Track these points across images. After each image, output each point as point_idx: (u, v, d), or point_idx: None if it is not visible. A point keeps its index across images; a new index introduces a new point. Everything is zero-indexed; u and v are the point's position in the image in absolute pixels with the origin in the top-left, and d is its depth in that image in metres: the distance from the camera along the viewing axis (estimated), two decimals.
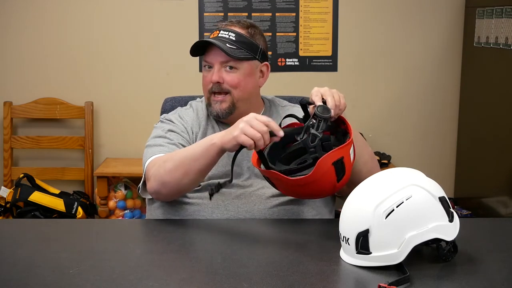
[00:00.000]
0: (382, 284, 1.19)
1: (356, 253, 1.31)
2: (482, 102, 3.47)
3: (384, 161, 3.58)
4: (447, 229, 1.31)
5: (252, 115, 1.57)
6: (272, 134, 1.55)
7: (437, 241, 1.31)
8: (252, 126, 1.54)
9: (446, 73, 3.75)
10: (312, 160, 1.51)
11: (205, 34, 3.62)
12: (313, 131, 1.53)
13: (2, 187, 3.49)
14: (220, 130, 1.88)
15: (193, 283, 1.25)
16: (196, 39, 3.64)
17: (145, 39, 3.67)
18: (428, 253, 1.37)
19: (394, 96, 3.78)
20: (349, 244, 1.32)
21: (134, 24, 3.66)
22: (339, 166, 1.51)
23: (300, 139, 1.55)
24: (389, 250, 1.28)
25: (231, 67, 1.83)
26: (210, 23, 3.62)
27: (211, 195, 1.65)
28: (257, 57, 1.86)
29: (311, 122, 1.55)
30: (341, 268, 1.32)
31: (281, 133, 1.56)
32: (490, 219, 2.40)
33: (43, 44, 3.65)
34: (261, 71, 1.90)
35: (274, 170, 1.54)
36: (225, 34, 1.83)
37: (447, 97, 3.77)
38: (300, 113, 1.97)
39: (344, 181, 1.56)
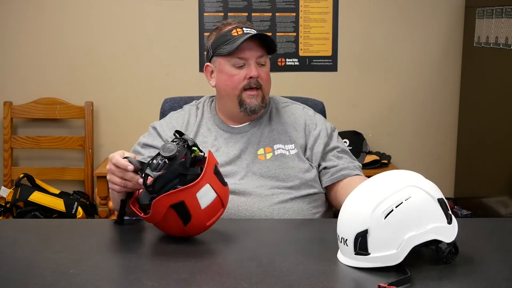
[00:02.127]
0: (382, 284, 1.19)
1: (355, 254, 1.31)
2: (482, 102, 3.47)
3: (384, 161, 3.58)
4: (446, 230, 1.31)
5: (110, 161, 1.56)
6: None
7: (436, 242, 1.31)
8: (113, 174, 1.54)
9: (446, 73, 3.75)
10: (149, 200, 1.44)
11: (205, 34, 3.62)
12: (148, 171, 1.45)
13: (2, 187, 3.49)
14: (215, 132, 1.90)
15: (193, 283, 1.25)
16: (196, 39, 3.67)
17: (145, 39, 3.67)
18: (428, 254, 1.37)
19: (394, 96, 3.78)
20: (347, 245, 1.32)
21: (134, 24, 3.66)
22: (181, 209, 1.41)
23: (142, 176, 1.48)
24: (388, 250, 1.28)
25: (263, 62, 1.89)
26: (210, 23, 3.62)
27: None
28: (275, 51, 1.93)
29: (150, 161, 1.47)
30: (341, 268, 1.32)
31: (139, 181, 1.49)
32: (490, 219, 2.39)
33: (43, 44, 3.65)
34: None
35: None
36: (249, 30, 1.85)
37: (447, 97, 3.77)
38: (296, 113, 1.98)
39: (196, 226, 1.45)
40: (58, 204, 3.30)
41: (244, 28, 1.86)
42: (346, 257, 1.33)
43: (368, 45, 3.73)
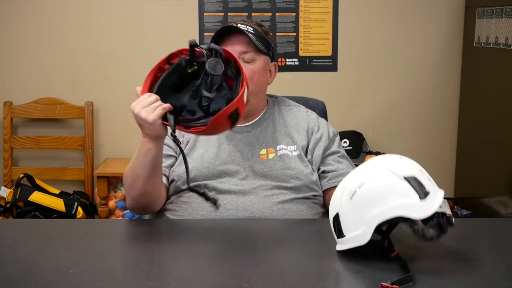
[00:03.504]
0: (384, 284, 1.19)
1: (337, 238, 1.37)
2: (482, 102, 3.47)
3: None
4: (415, 207, 1.28)
5: (134, 104, 1.64)
6: None
7: (411, 221, 1.30)
8: (143, 106, 1.60)
9: (446, 73, 3.75)
10: (204, 113, 1.53)
11: (205, 34, 3.62)
12: (205, 93, 1.53)
13: (2, 187, 3.49)
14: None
15: (193, 283, 1.25)
16: (196, 39, 3.66)
17: (145, 39, 3.67)
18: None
19: (394, 96, 3.78)
20: (333, 232, 1.40)
21: (134, 24, 3.66)
22: (234, 116, 1.53)
23: (192, 98, 1.55)
24: (357, 230, 1.32)
25: (248, 59, 1.84)
26: (210, 23, 3.63)
27: (214, 203, 1.65)
28: (269, 54, 1.88)
29: (202, 81, 1.54)
30: (341, 268, 1.32)
31: (167, 106, 1.58)
32: (490, 219, 2.39)
33: (43, 44, 3.65)
34: (269, 70, 1.92)
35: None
36: (243, 26, 1.84)
37: (447, 97, 3.77)
38: (299, 116, 1.97)
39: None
40: (58, 204, 3.30)
41: (239, 24, 1.85)
42: (337, 244, 1.39)
43: (368, 45, 3.73)
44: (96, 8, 3.64)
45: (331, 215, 1.39)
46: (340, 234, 1.36)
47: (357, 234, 1.31)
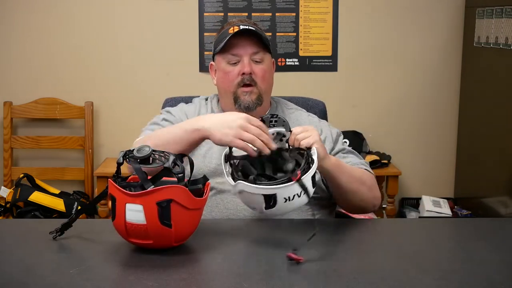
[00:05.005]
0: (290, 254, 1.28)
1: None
2: (482, 102, 3.47)
3: (384, 161, 3.58)
4: None
5: (245, 117, 1.56)
6: None
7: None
8: (247, 131, 1.53)
9: (446, 73, 3.75)
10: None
11: (205, 34, 3.62)
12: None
13: (2, 187, 3.49)
14: None
15: (193, 283, 1.25)
16: (196, 39, 3.67)
17: (145, 39, 3.67)
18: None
19: (394, 96, 3.78)
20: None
21: (134, 24, 3.66)
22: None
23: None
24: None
25: (259, 59, 1.86)
26: (210, 23, 3.63)
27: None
28: (271, 51, 1.91)
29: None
30: (341, 268, 1.32)
31: (273, 146, 1.54)
32: (490, 219, 2.39)
33: (43, 44, 3.65)
34: None
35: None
36: (246, 27, 1.85)
37: (447, 97, 3.77)
38: (301, 120, 1.96)
39: None
40: (58, 204, 3.30)
41: (241, 26, 1.86)
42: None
43: (368, 45, 3.73)
44: (95, 8, 3.64)
45: None
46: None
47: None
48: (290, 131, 1.59)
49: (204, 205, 1.43)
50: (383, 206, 3.61)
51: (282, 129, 1.59)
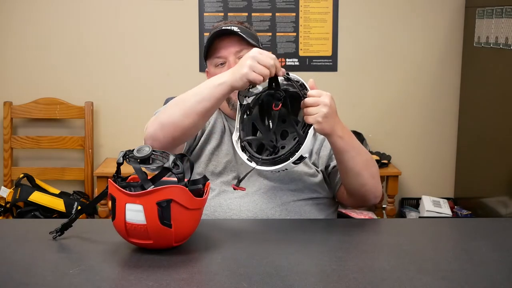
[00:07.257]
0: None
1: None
2: (482, 102, 3.47)
3: (384, 161, 3.58)
4: None
5: (255, 50, 1.57)
6: None
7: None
8: (259, 62, 1.54)
9: (446, 73, 3.75)
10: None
11: (205, 34, 3.62)
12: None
13: (2, 187, 3.50)
14: (229, 125, 1.89)
15: (193, 283, 1.25)
16: (196, 39, 3.67)
17: (145, 39, 3.67)
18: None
19: (394, 96, 3.78)
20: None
21: (134, 24, 3.66)
22: None
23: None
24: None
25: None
26: (210, 23, 3.63)
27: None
28: (259, 45, 1.89)
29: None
30: (341, 268, 1.32)
31: (284, 71, 1.59)
32: (490, 219, 2.39)
33: (43, 44, 3.65)
34: None
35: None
36: (228, 28, 1.85)
37: (447, 97, 3.77)
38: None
39: None
40: (58, 204, 3.30)
41: (223, 27, 1.87)
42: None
43: (368, 45, 3.73)
44: (96, 8, 3.64)
45: None
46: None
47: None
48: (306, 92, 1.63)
49: (204, 205, 1.43)
50: (383, 206, 3.61)
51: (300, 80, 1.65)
